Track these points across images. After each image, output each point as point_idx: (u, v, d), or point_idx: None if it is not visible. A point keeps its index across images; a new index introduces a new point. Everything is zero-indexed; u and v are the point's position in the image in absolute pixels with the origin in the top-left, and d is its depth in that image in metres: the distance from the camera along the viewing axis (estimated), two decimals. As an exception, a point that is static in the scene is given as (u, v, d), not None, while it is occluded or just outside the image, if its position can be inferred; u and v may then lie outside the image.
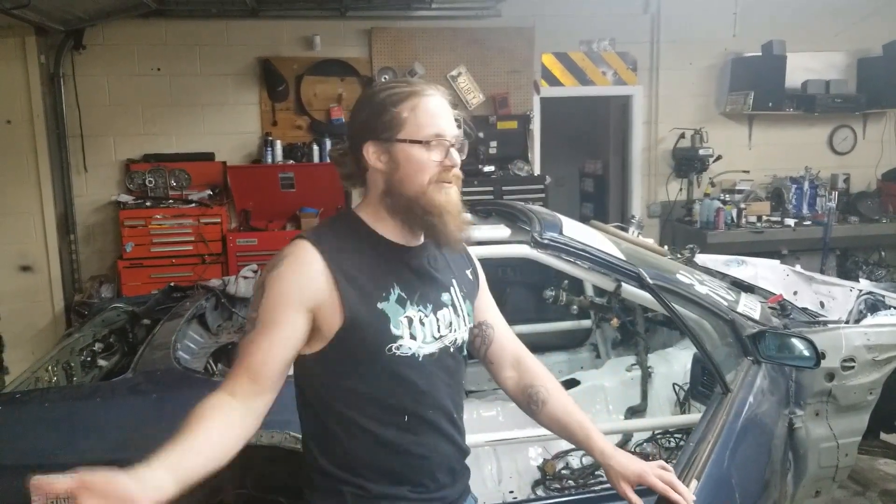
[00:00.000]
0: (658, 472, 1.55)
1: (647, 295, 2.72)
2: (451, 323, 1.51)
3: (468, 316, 1.58)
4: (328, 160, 5.70)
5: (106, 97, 5.58)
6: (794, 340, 2.38)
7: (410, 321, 1.43)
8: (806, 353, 2.34)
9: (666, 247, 4.02)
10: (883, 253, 6.42)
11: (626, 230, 3.62)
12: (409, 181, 1.42)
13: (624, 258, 2.73)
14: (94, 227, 5.64)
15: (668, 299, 2.50)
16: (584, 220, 3.52)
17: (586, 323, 3.83)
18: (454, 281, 1.56)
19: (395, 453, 1.45)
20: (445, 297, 1.52)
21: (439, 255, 1.55)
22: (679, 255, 3.82)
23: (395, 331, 1.41)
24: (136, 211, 5.30)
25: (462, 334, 1.55)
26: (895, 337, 2.76)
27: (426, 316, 1.46)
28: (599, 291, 3.40)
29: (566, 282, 3.24)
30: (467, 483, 1.62)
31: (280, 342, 1.35)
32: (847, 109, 6.50)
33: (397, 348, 1.41)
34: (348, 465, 1.44)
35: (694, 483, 1.80)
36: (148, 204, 5.39)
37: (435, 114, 1.44)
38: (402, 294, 1.44)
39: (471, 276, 1.65)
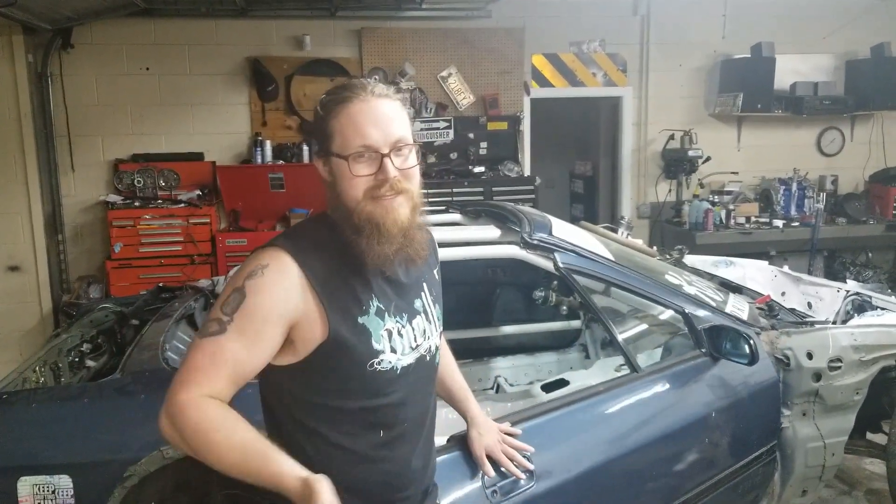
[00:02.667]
0: (503, 448, 1.79)
1: (634, 297, 2.75)
2: (424, 331, 1.47)
3: (439, 321, 1.54)
4: (318, 160, 5.73)
5: (94, 96, 5.54)
6: (738, 338, 2.43)
7: (390, 334, 1.39)
8: (746, 350, 2.39)
9: (655, 248, 4.04)
10: (870, 254, 6.47)
11: (615, 231, 3.64)
12: (345, 196, 1.36)
13: (612, 258, 2.74)
14: (82, 228, 5.61)
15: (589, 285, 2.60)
16: (573, 221, 3.54)
17: (576, 323, 3.84)
18: (424, 285, 1.52)
19: (369, 470, 1.41)
20: (417, 303, 1.48)
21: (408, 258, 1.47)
22: (668, 256, 3.84)
23: (376, 345, 1.37)
24: (124, 211, 5.27)
25: (435, 341, 1.51)
26: (882, 337, 2.79)
27: (403, 327, 1.42)
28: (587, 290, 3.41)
29: (556, 282, 3.25)
30: (435, 501, 1.60)
31: (256, 354, 1.31)
32: (835, 111, 6.55)
33: (378, 363, 1.37)
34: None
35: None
36: (137, 204, 5.36)
37: (361, 122, 1.34)
38: (381, 306, 1.39)
39: (437, 276, 1.60)
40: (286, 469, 1.22)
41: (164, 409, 1.27)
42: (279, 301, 1.30)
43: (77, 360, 2.95)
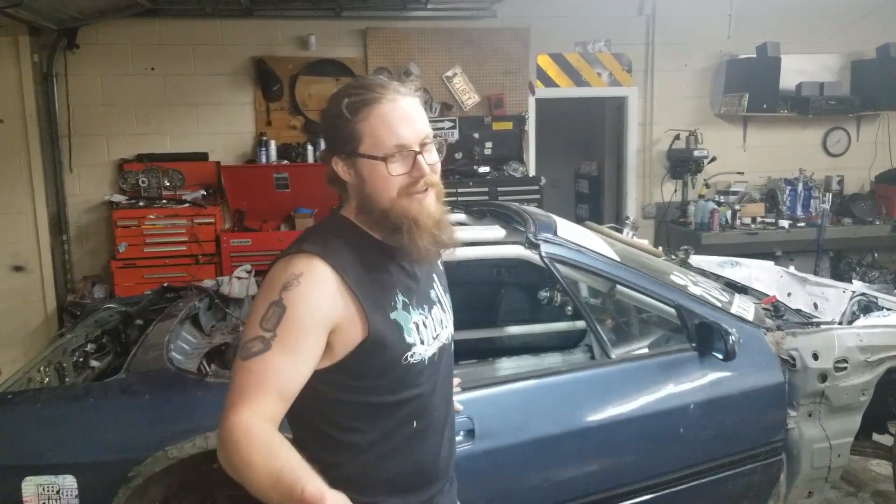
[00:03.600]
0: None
1: (640, 296, 2.75)
2: (442, 320, 1.51)
3: (450, 309, 1.58)
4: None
5: (99, 96, 5.56)
6: (719, 333, 2.44)
7: (417, 326, 1.42)
8: (722, 345, 2.42)
9: (660, 248, 4.03)
10: (876, 254, 6.44)
11: (620, 231, 3.63)
12: (378, 196, 1.37)
13: (618, 259, 2.74)
14: (86, 227, 5.62)
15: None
16: (579, 221, 3.53)
17: (581, 324, 3.83)
18: (434, 276, 1.56)
19: (404, 462, 1.44)
20: (432, 294, 1.52)
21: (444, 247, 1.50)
22: (674, 257, 3.83)
23: (408, 339, 1.39)
24: (129, 211, 5.28)
25: (450, 329, 1.55)
26: (888, 338, 2.78)
27: (426, 318, 1.45)
28: (594, 292, 3.41)
29: (568, 282, 3.24)
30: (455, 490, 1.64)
31: (304, 365, 1.29)
32: (841, 111, 6.52)
33: (411, 356, 1.39)
34: (358, 481, 1.38)
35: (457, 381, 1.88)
36: (141, 204, 5.37)
37: (394, 122, 1.35)
38: (405, 300, 1.42)
39: (442, 267, 1.64)
40: (308, 486, 1.14)
41: (219, 427, 1.24)
42: (320, 309, 1.30)
43: (81, 360, 2.95)
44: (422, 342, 1.42)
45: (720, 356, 2.43)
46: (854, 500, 3.51)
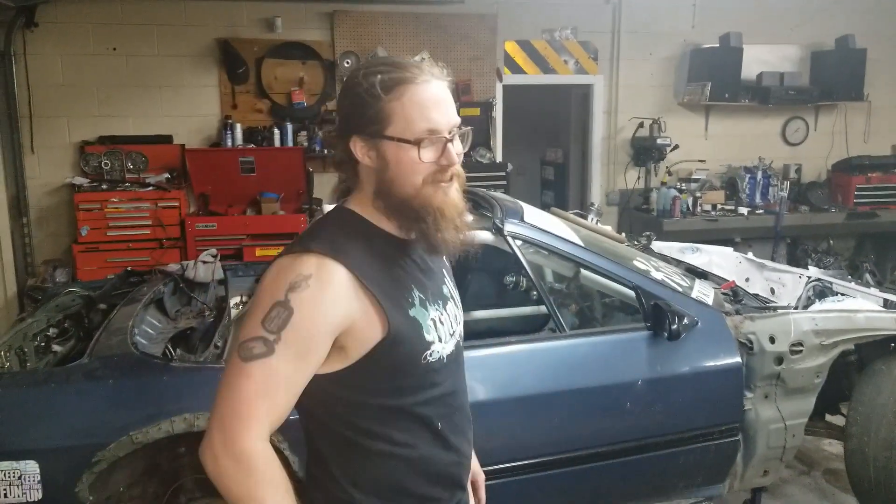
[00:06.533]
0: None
1: (604, 281, 2.81)
2: (456, 316, 1.44)
3: (461, 304, 1.51)
4: (290, 144, 5.69)
5: (59, 77, 5.42)
6: (667, 315, 2.54)
7: (435, 323, 1.34)
8: (666, 325, 2.53)
9: (624, 234, 4.10)
10: (832, 241, 6.63)
11: (585, 217, 3.68)
12: (401, 182, 1.28)
13: (582, 244, 2.79)
14: (47, 211, 5.50)
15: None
16: (544, 207, 3.57)
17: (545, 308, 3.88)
18: (443, 270, 1.49)
19: (433, 465, 1.36)
20: (445, 288, 1.44)
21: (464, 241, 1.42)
22: (636, 243, 3.90)
23: (427, 336, 1.31)
24: (91, 194, 5.18)
25: (462, 325, 1.47)
26: (841, 322, 2.86)
27: (442, 314, 1.37)
28: (559, 277, 3.46)
29: (532, 266, 3.29)
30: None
31: (305, 374, 1.22)
32: (800, 101, 6.67)
33: (430, 355, 1.31)
34: (385, 489, 1.32)
35: None
36: (104, 187, 5.27)
37: (427, 105, 1.26)
38: (422, 296, 1.34)
39: (446, 261, 1.54)
40: None
41: (220, 446, 1.16)
42: (328, 314, 1.21)
43: (43, 344, 2.91)
44: (440, 339, 1.33)
45: (665, 336, 2.53)
46: (807, 478, 3.64)
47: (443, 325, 1.36)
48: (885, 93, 6.87)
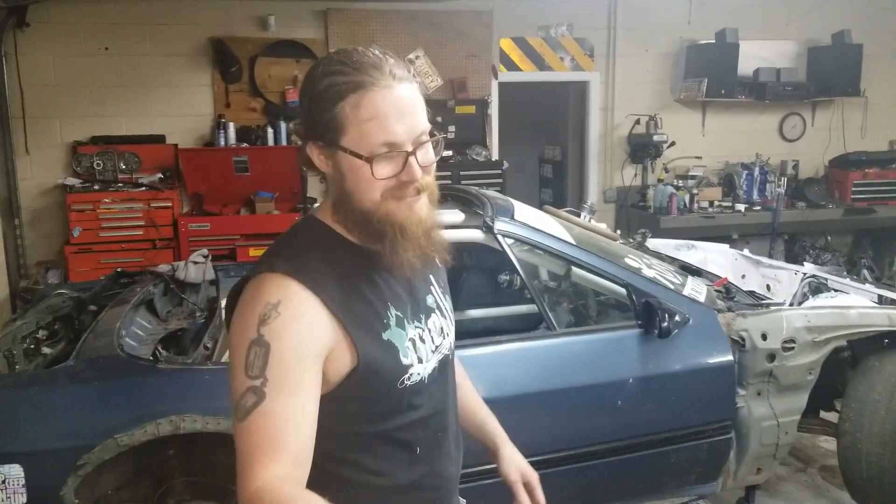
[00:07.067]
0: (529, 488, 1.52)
1: (597, 279, 2.79)
2: (441, 328, 1.33)
3: (451, 313, 1.40)
4: (284, 143, 5.67)
5: (51, 77, 5.40)
6: (657, 312, 2.53)
7: (414, 343, 1.25)
8: (657, 322, 2.52)
9: (619, 231, 4.08)
10: (829, 237, 6.61)
11: (578, 215, 3.66)
12: (358, 195, 1.18)
13: (574, 242, 2.77)
14: (40, 212, 5.48)
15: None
16: (542, 205, 3.55)
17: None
18: (431, 277, 1.37)
19: (411, 492, 1.29)
20: (429, 300, 1.34)
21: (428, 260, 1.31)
22: (631, 240, 3.88)
23: (404, 360, 1.22)
24: (83, 195, 5.16)
25: (451, 337, 1.38)
26: (834, 319, 2.85)
27: (423, 331, 1.28)
28: (553, 276, 3.44)
29: (522, 265, 3.27)
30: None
31: (309, 403, 1.12)
32: (797, 97, 6.65)
33: (408, 378, 1.22)
34: None
35: None
36: (96, 187, 5.25)
37: (386, 114, 1.13)
38: (399, 314, 1.24)
39: (440, 264, 1.41)
40: None
41: (240, 499, 1.08)
42: (306, 339, 1.13)
43: (33, 346, 2.89)
44: (420, 360, 1.24)
45: (655, 333, 2.52)
46: (803, 475, 3.62)
47: (423, 344, 1.26)
48: (881, 88, 6.84)
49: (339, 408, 1.19)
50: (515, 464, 1.52)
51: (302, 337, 1.12)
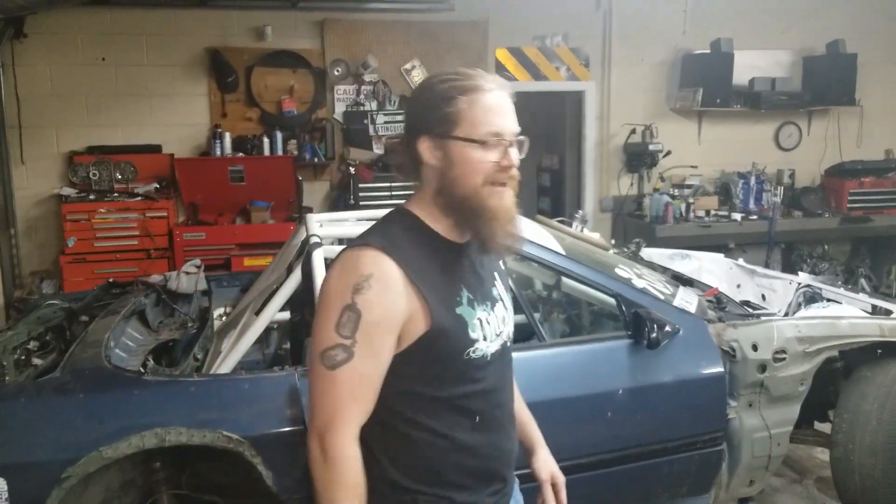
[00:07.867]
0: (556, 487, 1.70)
1: (587, 289, 2.78)
2: (504, 318, 1.52)
3: (511, 307, 1.59)
4: (280, 153, 5.68)
5: (48, 87, 5.42)
6: (646, 321, 2.52)
7: (481, 323, 1.43)
8: (645, 332, 2.51)
9: (613, 241, 4.08)
10: (826, 246, 6.59)
11: (569, 225, 3.66)
12: (462, 181, 1.39)
13: (564, 253, 2.77)
14: (35, 221, 5.49)
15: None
16: (541, 214, 3.55)
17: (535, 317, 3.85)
18: (495, 273, 1.57)
19: (470, 456, 1.45)
20: (494, 291, 1.53)
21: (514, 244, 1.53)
22: (625, 249, 3.88)
23: (472, 334, 1.41)
24: (79, 204, 5.17)
25: (511, 327, 1.55)
26: (826, 329, 2.84)
27: (489, 314, 1.47)
28: (544, 285, 3.44)
29: (514, 275, 3.27)
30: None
31: (384, 365, 1.36)
32: (792, 106, 6.66)
33: (473, 352, 1.41)
34: (424, 474, 1.42)
35: None
36: (92, 197, 5.26)
37: (494, 111, 1.40)
38: (470, 296, 1.44)
39: (502, 265, 1.67)
40: None
41: (318, 450, 1.33)
42: (392, 310, 1.33)
43: (24, 357, 2.88)
44: (485, 338, 1.43)
45: (644, 343, 2.50)
46: (798, 486, 3.60)
47: (489, 325, 1.45)
48: (876, 97, 6.84)
49: (410, 369, 1.38)
50: (548, 466, 1.71)
51: (388, 308, 1.32)
